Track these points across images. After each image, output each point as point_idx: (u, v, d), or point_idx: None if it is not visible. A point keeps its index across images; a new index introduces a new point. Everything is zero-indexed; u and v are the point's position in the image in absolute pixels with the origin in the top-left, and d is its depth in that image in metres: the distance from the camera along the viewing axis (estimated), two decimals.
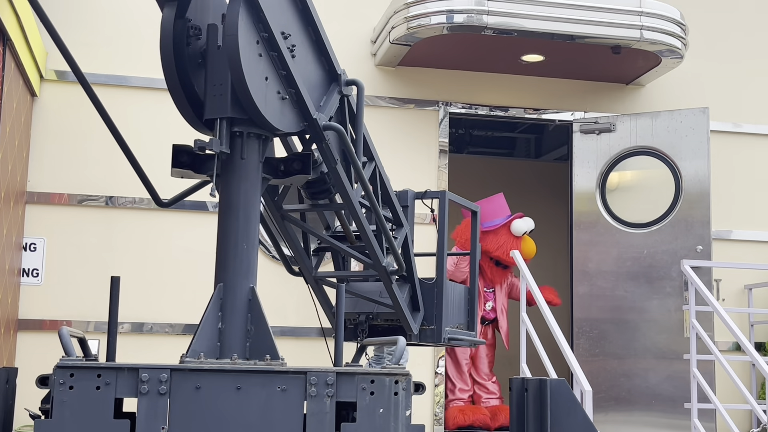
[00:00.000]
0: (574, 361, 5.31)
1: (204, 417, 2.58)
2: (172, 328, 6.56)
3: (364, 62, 7.17)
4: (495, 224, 7.09)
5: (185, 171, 3.02)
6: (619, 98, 7.55)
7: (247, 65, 2.80)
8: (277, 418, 2.62)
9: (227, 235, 2.97)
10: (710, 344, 5.63)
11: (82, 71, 3.01)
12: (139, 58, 6.74)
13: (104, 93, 6.27)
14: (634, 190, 6.98)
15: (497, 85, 7.41)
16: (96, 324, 6.39)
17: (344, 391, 2.67)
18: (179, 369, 2.61)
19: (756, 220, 7.59)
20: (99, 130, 5.86)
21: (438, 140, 7.22)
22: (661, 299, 6.70)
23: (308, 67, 3.10)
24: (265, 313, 2.91)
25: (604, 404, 6.65)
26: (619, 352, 6.76)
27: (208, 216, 6.63)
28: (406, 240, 3.69)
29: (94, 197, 6.60)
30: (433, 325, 3.84)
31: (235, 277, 2.93)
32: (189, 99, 3.01)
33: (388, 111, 7.17)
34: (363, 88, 3.30)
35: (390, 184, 3.67)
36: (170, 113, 3.38)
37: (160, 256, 6.64)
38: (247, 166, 2.99)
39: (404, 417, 2.70)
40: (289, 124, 3.01)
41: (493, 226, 7.07)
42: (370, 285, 3.86)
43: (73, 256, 6.52)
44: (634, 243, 6.86)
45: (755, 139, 7.70)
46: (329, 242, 3.63)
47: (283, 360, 2.83)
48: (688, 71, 7.53)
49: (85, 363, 2.58)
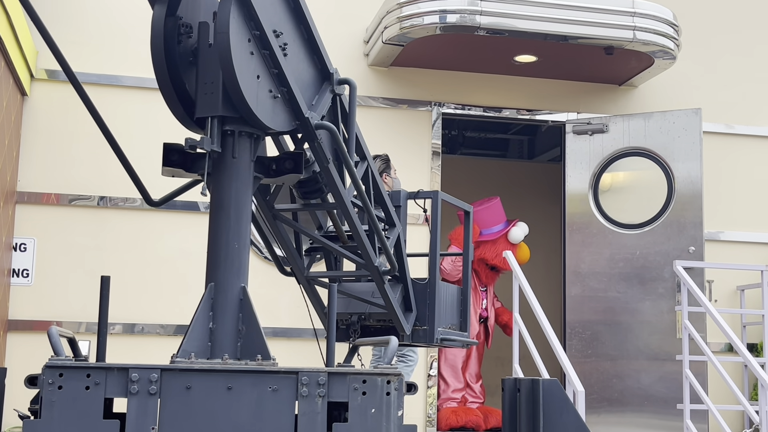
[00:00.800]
0: (566, 361, 5.30)
1: (194, 417, 2.56)
2: (164, 329, 6.53)
3: (357, 62, 7.15)
4: (493, 232, 7.13)
5: (176, 170, 3.00)
6: (612, 99, 7.55)
7: (239, 63, 2.78)
8: (268, 418, 2.60)
9: (218, 234, 2.95)
10: (702, 345, 5.63)
11: (72, 70, 2.99)
12: (130, 57, 6.71)
13: (95, 92, 6.22)
14: (626, 191, 6.98)
15: (490, 86, 7.40)
16: (87, 325, 6.36)
17: (336, 392, 2.66)
18: (170, 369, 2.59)
19: (749, 222, 7.60)
20: (90, 130, 5.83)
21: (431, 141, 7.22)
22: (653, 300, 6.70)
23: (300, 65, 3.09)
24: (256, 313, 2.89)
25: (596, 405, 6.65)
26: (612, 353, 6.76)
27: (199, 216, 6.61)
28: (399, 240, 3.67)
29: (85, 197, 6.57)
30: (426, 326, 3.83)
31: (226, 277, 2.91)
32: (180, 97, 2.99)
33: (381, 111, 7.16)
34: (355, 87, 3.29)
35: (382, 184, 3.65)
36: (161, 112, 3.36)
37: (152, 256, 6.62)
38: (238, 165, 2.97)
39: (396, 417, 2.68)
40: (280, 123, 2.99)
41: (490, 235, 7.11)
42: (363, 285, 3.84)
43: (63, 257, 6.49)
44: (627, 244, 6.86)
45: (748, 140, 7.71)
46: (321, 242, 3.61)
47: (275, 360, 2.81)
48: (681, 72, 7.54)
49: (75, 363, 2.56)
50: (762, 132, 7.73)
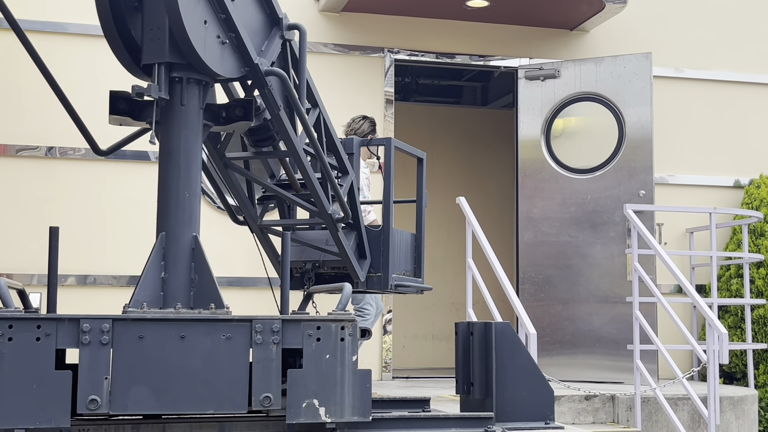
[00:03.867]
0: (519, 305, 5.37)
1: (148, 366, 2.55)
2: (117, 280, 6.49)
3: (308, 8, 7.06)
4: None
5: (123, 118, 2.96)
6: (564, 44, 7.57)
7: (185, 8, 2.73)
8: (223, 366, 2.61)
9: (168, 183, 2.92)
10: (652, 287, 5.73)
11: (14, 17, 2.91)
12: (74, 3, 6.55)
13: (39, 40, 6.09)
14: (578, 136, 7.03)
15: (442, 32, 7.36)
16: (39, 277, 6.29)
17: (290, 338, 2.67)
18: (121, 319, 2.57)
19: (698, 165, 7.71)
20: (35, 79, 5.70)
21: (384, 89, 7.18)
22: (604, 244, 6.79)
23: (248, 10, 3.04)
24: (208, 262, 2.88)
25: (549, 347, 6.76)
26: (564, 296, 6.85)
27: (150, 165, 6.52)
28: (352, 187, 3.67)
29: (32, 147, 6.45)
30: (380, 273, 3.84)
31: (177, 226, 2.89)
32: (126, 44, 2.94)
33: (333, 58, 7.09)
34: (305, 32, 3.25)
35: (335, 131, 3.63)
36: (108, 60, 3.29)
37: (103, 207, 6.54)
38: (187, 112, 2.93)
39: (351, 362, 2.71)
40: (229, 69, 2.95)
41: None
42: (316, 233, 3.84)
43: (12, 208, 6.38)
44: (579, 189, 6.93)
45: (697, 84, 7.79)
46: (274, 190, 3.59)
47: (228, 309, 2.81)
48: (632, 16, 7.56)
49: (24, 314, 2.54)
50: (711, 76, 7.81)
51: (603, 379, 6.54)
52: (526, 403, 3.41)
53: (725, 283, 7.23)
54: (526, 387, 3.41)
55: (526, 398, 3.41)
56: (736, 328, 7.10)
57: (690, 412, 5.61)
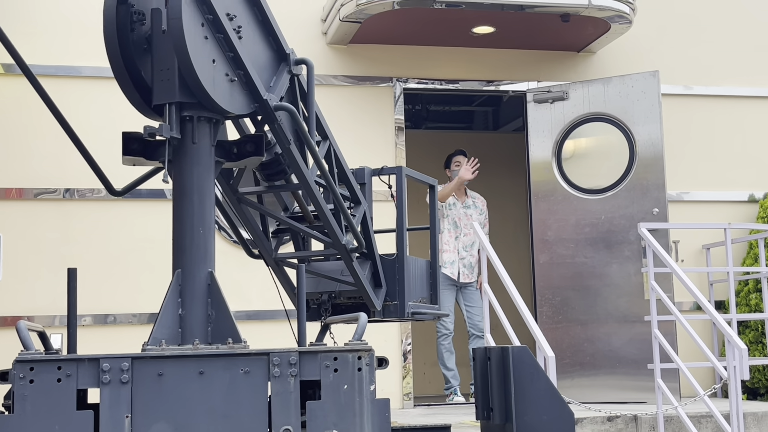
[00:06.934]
0: (536, 328, 5.35)
1: (168, 403, 2.57)
2: (137, 318, 6.52)
3: (316, 42, 7.13)
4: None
5: (137, 158, 3.00)
6: (571, 66, 7.60)
7: (193, 48, 2.78)
8: (242, 400, 2.62)
9: (183, 220, 2.96)
10: (670, 305, 5.71)
11: (26, 63, 2.97)
12: (85, 48, 6.64)
13: (53, 84, 6.15)
14: (589, 156, 7.04)
15: (450, 59, 7.41)
16: (60, 318, 6.33)
17: (308, 370, 2.69)
18: (140, 357, 2.60)
19: (710, 181, 7.70)
20: (50, 122, 5.78)
21: (394, 117, 7.22)
22: (620, 263, 6.78)
23: (256, 47, 3.09)
24: (225, 297, 2.90)
25: (569, 369, 6.73)
26: (582, 317, 6.83)
27: (165, 203, 6.57)
28: (365, 217, 3.70)
29: (50, 190, 6.52)
30: (396, 300, 3.86)
31: (192, 263, 2.92)
32: (137, 85, 2.99)
33: (343, 89, 7.15)
34: (312, 66, 3.29)
35: (346, 162, 3.66)
36: (120, 102, 3.34)
37: (120, 246, 6.59)
38: (199, 150, 2.97)
39: (369, 392, 2.71)
40: (239, 106, 2.99)
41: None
42: (332, 264, 3.87)
43: (31, 251, 6.44)
44: (592, 209, 6.93)
45: (706, 100, 7.79)
46: (288, 223, 3.62)
47: (246, 343, 2.83)
48: (638, 36, 7.59)
49: (45, 356, 2.57)
50: (719, 92, 7.82)
51: (625, 399, 6.50)
52: (546, 427, 3.40)
53: (744, 298, 7.19)
54: (546, 411, 3.40)
55: (547, 422, 3.40)
56: (757, 343, 7.05)
57: (713, 430, 5.57)
